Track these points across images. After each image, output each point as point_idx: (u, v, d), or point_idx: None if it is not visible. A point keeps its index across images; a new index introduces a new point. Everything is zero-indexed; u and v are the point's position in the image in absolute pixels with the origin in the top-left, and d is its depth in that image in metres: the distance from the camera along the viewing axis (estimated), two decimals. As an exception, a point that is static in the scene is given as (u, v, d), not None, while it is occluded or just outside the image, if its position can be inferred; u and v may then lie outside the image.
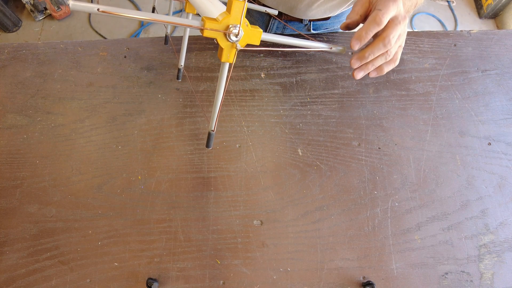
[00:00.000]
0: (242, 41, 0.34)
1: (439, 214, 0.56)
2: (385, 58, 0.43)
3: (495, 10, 1.90)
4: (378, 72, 0.45)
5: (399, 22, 0.41)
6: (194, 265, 0.52)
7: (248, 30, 0.34)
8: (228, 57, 0.35)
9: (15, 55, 0.66)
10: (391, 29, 0.41)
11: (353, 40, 0.41)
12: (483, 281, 0.53)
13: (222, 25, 0.33)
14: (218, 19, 0.33)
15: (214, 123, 0.41)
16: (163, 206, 0.55)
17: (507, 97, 0.65)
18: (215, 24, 0.32)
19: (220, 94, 0.39)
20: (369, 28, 0.40)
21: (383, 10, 0.39)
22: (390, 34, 0.40)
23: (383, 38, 0.41)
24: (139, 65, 0.65)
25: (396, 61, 0.45)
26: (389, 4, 0.39)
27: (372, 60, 0.43)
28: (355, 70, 0.45)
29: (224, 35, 0.33)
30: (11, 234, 0.53)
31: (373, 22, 0.39)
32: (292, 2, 0.65)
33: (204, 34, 0.32)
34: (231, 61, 0.35)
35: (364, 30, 0.40)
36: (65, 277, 0.51)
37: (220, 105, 0.39)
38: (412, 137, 0.61)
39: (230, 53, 0.35)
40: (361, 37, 0.40)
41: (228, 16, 0.32)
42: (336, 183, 0.58)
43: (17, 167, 0.57)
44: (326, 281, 0.52)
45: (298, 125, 0.61)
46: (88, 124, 0.60)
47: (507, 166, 0.60)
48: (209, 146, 0.43)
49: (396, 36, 0.41)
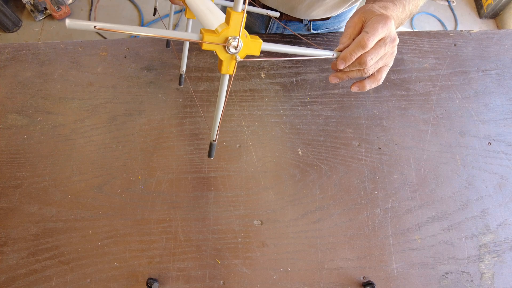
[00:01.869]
0: (242, 52, 0.33)
1: (439, 214, 0.56)
2: (361, 74, 0.43)
3: (495, 10, 1.90)
4: (360, 88, 0.46)
5: (385, 44, 0.41)
6: (194, 265, 0.52)
7: (248, 41, 0.33)
8: (227, 69, 0.34)
9: (15, 55, 0.66)
10: (373, 50, 0.41)
11: (339, 60, 0.41)
12: (483, 281, 0.53)
13: (221, 38, 0.32)
14: (217, 30, 0.32)
15: (216, 134, 0.40)
16: (163, 206, 0.55)
17: (507, 97, 0.65)
18: (213, 37, 0.32)
19: (221, 105, 0.38)
20: (354, 51, 0.40)
21: (370, 33, 0.39)
22: (368, 55, 0.41)
23: (360, 57, 0.41)
24: (139, 65, 0.65)
25: (379, 80, 0.45)
26: (377, 27, 0.40)
27: (347, 72, 0.44)
28: (331, 74, 0.45)
29: (224, 47, 0.32)
30: (12, 234, 0.53)
31: (358, 44, 0.40)
32: (292, 3, 0.65)
33: (203, 47, 0.32)
34: (231, 73, 0.35)
35: (349, 52, 0.40)
36: (65, 277, 0.51)
37: (221, 116, 0.39)
38: (412, 137, 0.61)
39: (230, 65, 0.34)
40: (346, 58, 0.41)
41: (227, 28, 0.31)
42: (336, 183, 0.58)
43: (17, 167, 0.57)
44: (326, 281, 0.52)
45: (298, 125, 0.61)
46: (88, 124, 0.60)
47: (507, 166, 0.60)
48: (211, 156, 0.42)
49: (377, 57, 0.41)
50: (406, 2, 0.47)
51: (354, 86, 0.46)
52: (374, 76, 0.45)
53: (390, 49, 0.42)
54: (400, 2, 0.46)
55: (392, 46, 0.42)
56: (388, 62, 0.44)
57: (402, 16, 0.48)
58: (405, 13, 0.48)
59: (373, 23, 0.40)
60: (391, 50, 0.43)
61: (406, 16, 0.49)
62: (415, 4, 0.49)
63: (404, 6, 0.47)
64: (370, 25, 0.40)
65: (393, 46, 0.42)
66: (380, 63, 0.43)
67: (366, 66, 0.41)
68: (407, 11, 0.48)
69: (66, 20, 0.27)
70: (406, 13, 0.48)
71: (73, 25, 0.27)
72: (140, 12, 1.87)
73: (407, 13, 0.48)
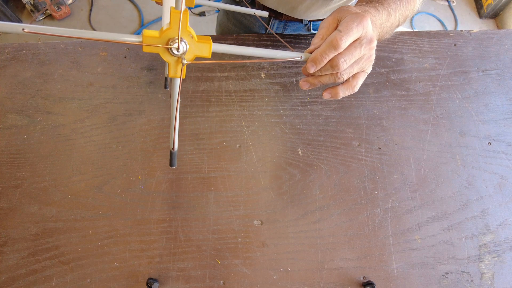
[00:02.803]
0: (189, 54, 0.31)
1: (439, 214, 0.56)
2: (334, 79, 0.39)
3: (495, 10, 1.90)
4: (332, 95, 0.41)
5: (361, 45, 0.37)
6: (194, 265, 0.52)
7: (194, 43, 0.30)
8: (175, 73, 0.32)
9: (15, 55, 0.66)
10: (346, 51, 0.36)
11: (308, 63, 0.37)
12: (484, 281, 0.53)
13: (161, 40, 0.29)
14: (162, 30, 0.29)
15: (173, 141, 0.37)
16: (164, 206, 0.55)
17: (507, 97, 0.65)
18: (154, 39, 0.29)
19: (174, 111, 0.35)
20: (325, 52, 0.36)
21: (343, 32, 0.35)
22: (341, 57, 0.36)
23: (332, 59, 0.37)
24: (139, 65, 0.65)
25: (354, 87, 0.41)
26: (351, 26, 0.36)
27: (319, 77, 0.40)
28: (302, 80, 0.42)
29: (167, 49, 0.30)
30: (12, 234, 0.53)
31: (330, 45, 0.35)
32: (292, 3, 0.65)
33: (144, 49, 0.29)
34: (178, 76, 0.32)
35: (319, 53, 0.36)
36: (65, 277, 0.51)
37: (176, 121, 0.36)
38: (412, 137, 0.61)
39: (177, 68, 0.31)
40: (317, 60, 0.37)
41: (169, 29, 0.29)
42: (336, 183, 0.58)
43: (17, 167, 0.57)
44: (327, 281, 0.52)
45: (298, 125, 0.61)
46: (88, 124, 0.60)
47: (508, 166, 0.60)
48: (173, 165, 0.39)
49: (352, 59, 0.37)
50: (391, 10, 0.43)
51: (326, 93, 0.42)
52: (349, 82, 0.40)
53: (367, 52, 0.38)
54: (383, 9, 0.42)
55: (369, 48, 0.38)
56: (365, 67, 0.40)
57: (387, 25, 0.43)
58: (390, 21, 0.43)
59: (347, 22, 0.36)
60: (368, 53, 0.39)
61: (392, 26, 0.45)
62: (403, 14, 0.45)
63: (389, 13, 0.43)
64: (344, 23, 0.36)
65: (370, 48, 0.38)
66: (356, 68, 0.39)
67: (339, 69, 0.37)
68: (393, 20, 0.44)
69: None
70: (392, 22, 0.44)
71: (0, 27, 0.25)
72: (140, 12, 1.87)
73: (393, 22, 0.44)
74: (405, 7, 0.45)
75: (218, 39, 0.68)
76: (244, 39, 0.68)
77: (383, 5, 0.42)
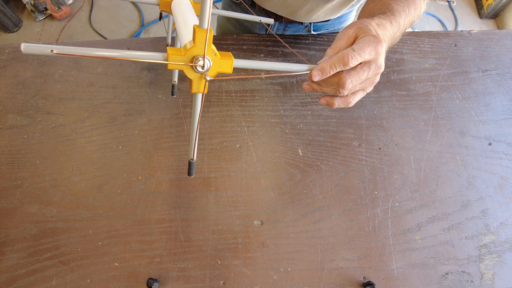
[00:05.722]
0: (212, 71, 0.32)
1: (439, 214, 0.56)
2: (335, 92, 0.41)
3: (495, 10, 1.90)
4: (328, 104, 0.43)
5: (369, 68, 0.38)
6: (194, 265, 0.52)
7: (218, 60, 0.31)
8: (198, 88, 0.33)
9: (15, 56, 0.66)
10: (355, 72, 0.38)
11: (315, 71, 0.38)
12: (484, 282, 0.53)
13: (186, 57, 0.30)
14: (185, 47, 0.30)
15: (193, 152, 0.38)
16: (164, 206, 0.55)
17: (507, 97, 0.65)
18: (179, 57, 0.30)
19: (195, 124, 0.36)
20: (334, 65, 0.37)
21: (356, 51, 0.36)
22: (348, 77, 0.38)
23: (340, 77, 0.38)
24: (140, 65, 0.65)
25: (349, 103, 0.43)
26: (366, 48, 0.36)
27: (323, 87, 0.41)
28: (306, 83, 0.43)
29: (191, 67, 0.30)
30: (12, 234, 0.53)
31: (340, 59, 0.36)
32: (292, 8, 0.65)
33: (168, 67, 0.30)
34: (201, 91, 0.33)
35: (329, 64, 0.37)
36: (65, 277, 0.51)
37: (196, 134, 0.37)
38: (412, 137, 0.61)
39: (200, 84, 0.32)
40: (324, 71, 0.37)
41: (193, 47, 0.29)
42: (336, 183, 0.58)
43: (17, 167, 0.57)
44: (327, 281, 0.52)
45: (298, 125, 0.61)
46: (89, 124, 0.60)
47: (508, 166, 0.60)
48: (191, 174, 0.40)
49: (358, 81, 0.39)
50: (401, 19, 0.45)
51: (323, 99, 0.43)
52: (347, 97, 0.42)
53: (372, 76, 0.39)
54: (396, 21, 0.44)
55: (376, 73, 0.39)
56: (366, 88, 0.42)
57: (397, 35, 0.46)
58: (400, 30, 0.46)
59: (363, 42, 0.37)
60: (373, 78, 0.40)
61: (401, 34, 0.47)
62: (410, 20, 0.47)
63: (399, 24, 0.45)
64: (360, 43, 0.37)
65: (376, 73, 0.39)
66: (358, 87, 0.40)
67: (344, 88, 0.39)
68: (402, 29, 0.46)
69: (22, 44, 0.25)
70: (401, 30, 0.46)
71: (29, 49, 0.25)
72: (140, 12, 1.88)
73: (402, 31, 0.47)
74: (413, 13, 0.47)
75: (218, 39, 0.68)
76: (244, 39, 0.68)
77: (395, 16, 0.44)
